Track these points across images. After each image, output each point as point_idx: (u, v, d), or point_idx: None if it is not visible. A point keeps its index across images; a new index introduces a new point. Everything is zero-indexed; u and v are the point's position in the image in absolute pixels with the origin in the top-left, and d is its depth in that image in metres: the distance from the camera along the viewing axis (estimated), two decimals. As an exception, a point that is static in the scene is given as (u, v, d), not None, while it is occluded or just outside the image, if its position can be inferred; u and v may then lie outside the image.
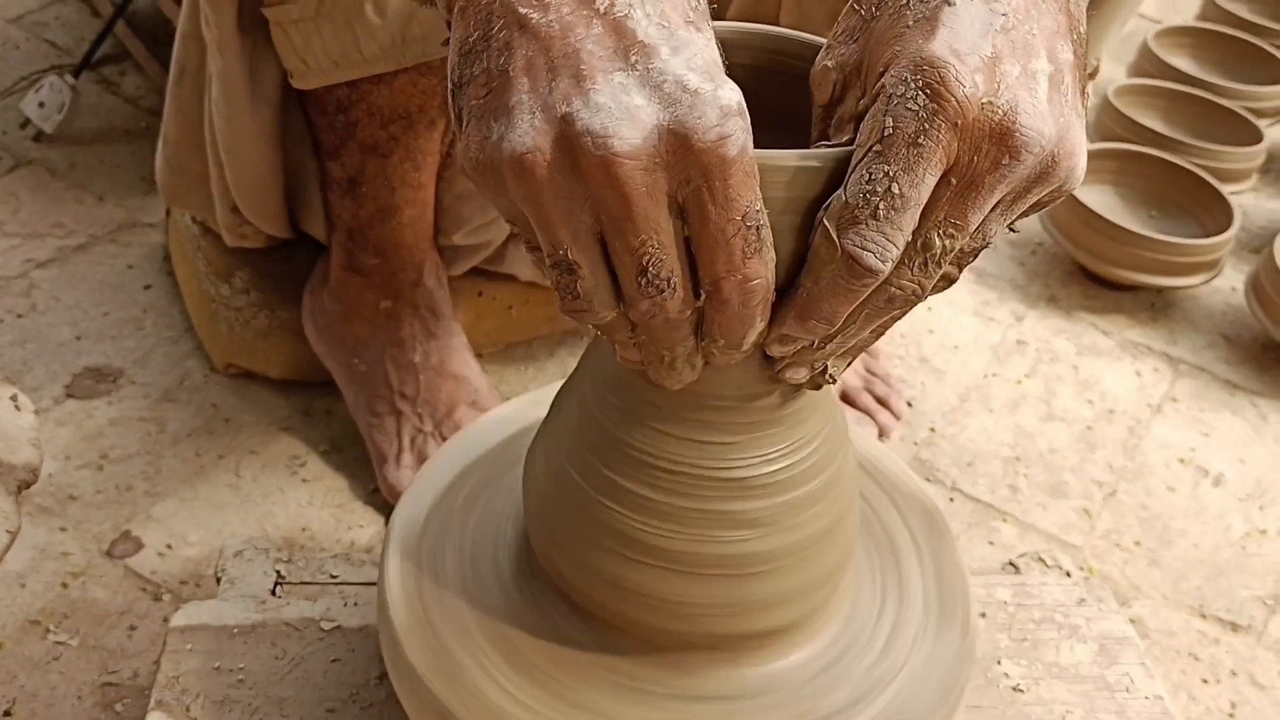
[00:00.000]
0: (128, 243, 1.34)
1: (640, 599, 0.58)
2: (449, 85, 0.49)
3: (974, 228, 0.48)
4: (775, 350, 0.52)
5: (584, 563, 0.60)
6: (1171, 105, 1.64)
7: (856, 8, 0.51)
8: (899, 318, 0.52)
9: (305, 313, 1.12)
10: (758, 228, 0.46)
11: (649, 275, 0.46)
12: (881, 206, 0.45)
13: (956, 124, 0.45)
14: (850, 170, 0.46)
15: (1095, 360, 1.34)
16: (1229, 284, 1.46)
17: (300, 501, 1.07)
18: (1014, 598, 0.84)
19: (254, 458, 1.11)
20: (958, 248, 0.48)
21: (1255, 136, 1.58)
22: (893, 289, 0.49)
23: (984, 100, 0.45)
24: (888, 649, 0.64)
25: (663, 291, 0.47)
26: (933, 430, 1.21)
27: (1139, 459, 1.21)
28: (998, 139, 0.45)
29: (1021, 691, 0.78)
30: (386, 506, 1.07)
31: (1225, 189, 1.46)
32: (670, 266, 0.46)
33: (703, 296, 0.48)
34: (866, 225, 0.46)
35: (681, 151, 0.44)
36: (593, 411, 0.59)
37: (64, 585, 0.98)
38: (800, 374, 0.53)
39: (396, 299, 1.05)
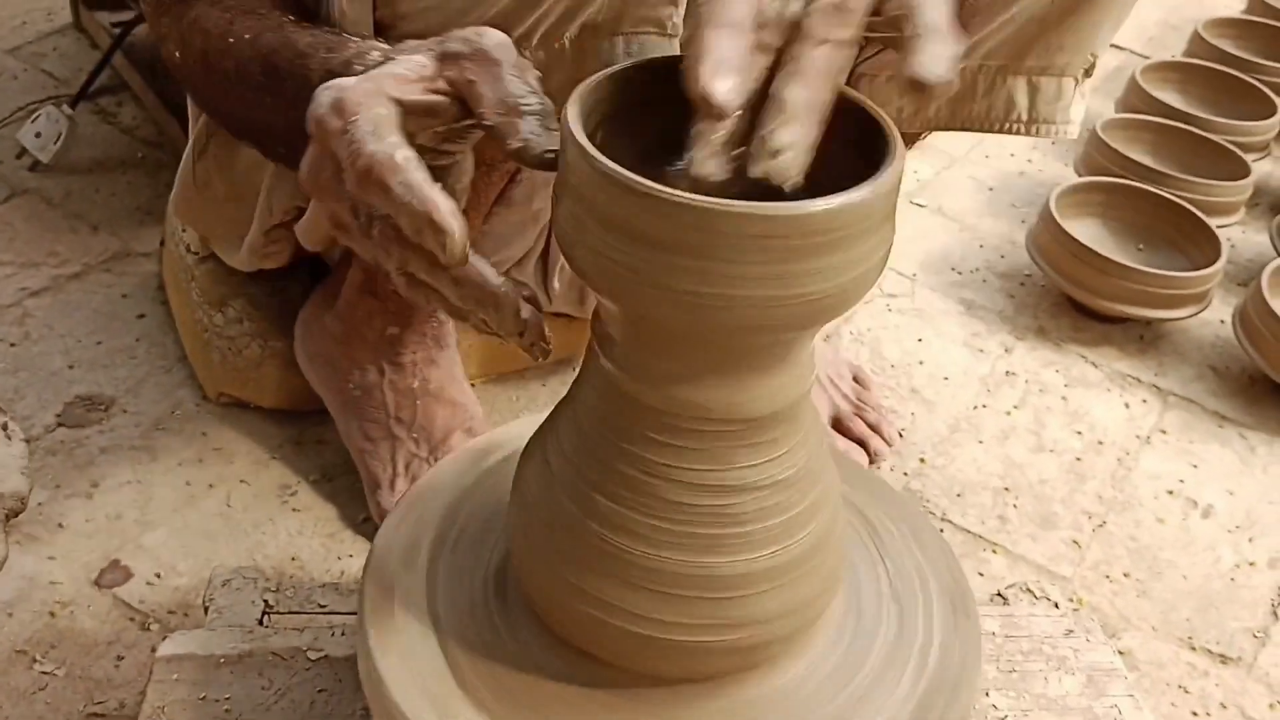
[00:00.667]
0: (122, 272, 1.35)
1: (625, 621, 0.58)
2: None
3: None
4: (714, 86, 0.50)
5: (568, 585, 0.60)
6: (1159, 139, 1.66)
7: None
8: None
9: (299, 336, 1.12)
10: None
11: None
12: None
13: None
14: None
15: (1084, 392, 1.34)
16: (1217, 316, 1.47)
17: (290, 531, 1.07)
18: (1002, 629, 0.84)
19: (245, 487, 1.11)
20: None
21: (1243, 170, 1.60)
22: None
23: None
24: (883, 672, 0.64)
25: None
26: (923, 461, 1.22)
27: (1128, 490, 1.22)
28: None
29: (1010, 723, 0.78)
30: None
31: (1213, 222, 1.47)
32: None
33: None
34: None
35: None
36: (583, 434, 0.59)
37: (52, 614, 0.98)
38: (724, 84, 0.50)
39: (405, 327, 1.05)
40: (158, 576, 1.02)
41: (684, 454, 0.57)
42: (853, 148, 0.54)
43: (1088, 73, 1.00)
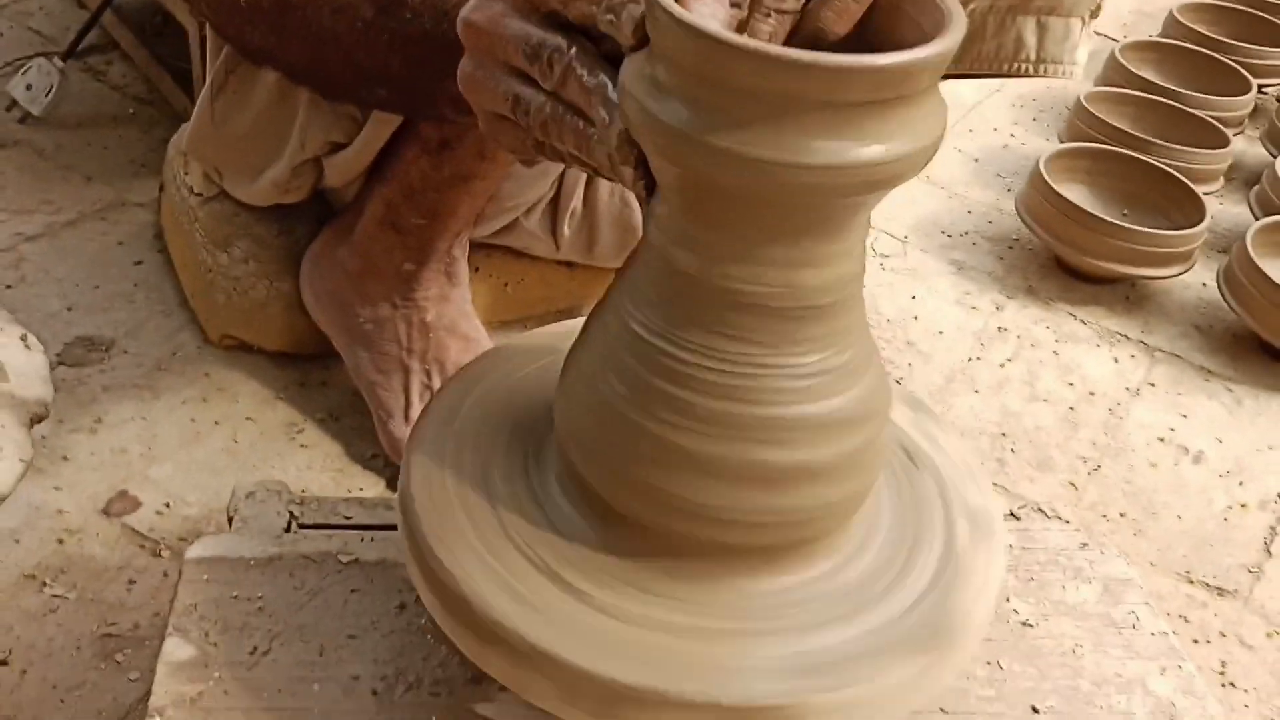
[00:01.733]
0: (117, 220, 1.34)
1: (660, 500, 0.59)
2: None
3: None
4: None
5: (610, 463, 0.60)
6: (1140, 112, 1.70)
7: None
8: None
9: (306, 273, 1.12)
10: None
11: None
12: None
13: None
14: None
15: (1074, 347, 1.37)
16: (1199, 280, 1.50)
17: (299, 466, 1.07)
18: (1019, 541, 0.85)
19: (251, 425, 1.10)
20: None
21: (1222, 141, 1.64)
22: None
23: None
24: (895, 584, 0.65)
25: None
26: (922, 408, 1.23)
27: (1121, 438, 1.24)
28: None
29: (1031, 626, 0.79)
30: (387, 471, 1.07)
31: (1196, 188, 1.51)
32: None
33: None
34: None
35: None
36: (632, 317, 0.60)
37: (60, 541, 0.97)
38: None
39: (422, 264, 1.05)
40: (167, 506, 1.01)
41: (737, 339, 0.58)
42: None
43: (1094, 14, 1.03)
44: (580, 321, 0.66)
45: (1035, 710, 0.74)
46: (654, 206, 0.59)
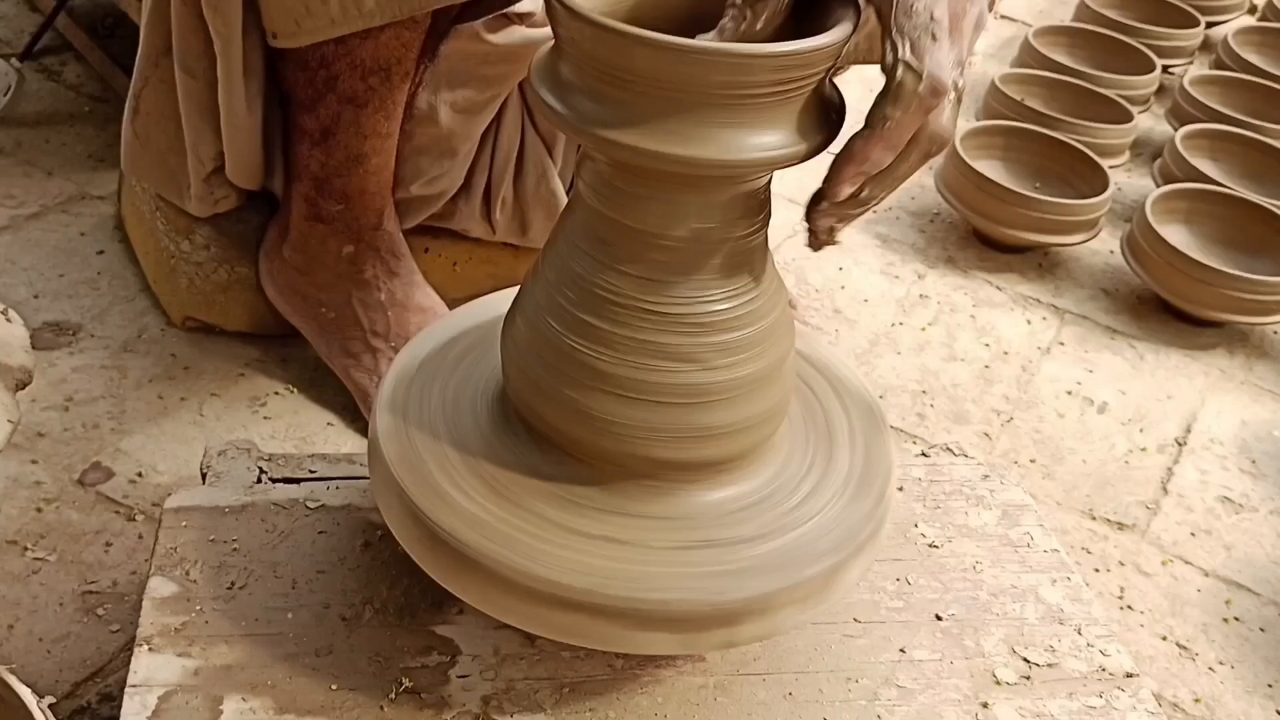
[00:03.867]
0: (79, 213, 1.39)
1: (593, 422, 0.67)
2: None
3: (969, 53, 0.61)
4: (844, 192, 0.64)
5: (550, 392, 0.68)
6: (1051, 92, 1.80)
7: None
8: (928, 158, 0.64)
9: (264, 275, 1.19)
10: None
11: None
12: (935, 30, 0.58)
13: None
14: (894, 16, 0.59)
15: (990, 311, 1.46)
16: (1106, 247, 1.60)
17: (263, 435, 1.13)
18: (927, 474, 0.94)
19: (216, 400, 1.17)
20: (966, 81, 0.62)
21: (1126, 117, 1.74)
22: (940, 134, 0.62)
23: None
24: (804, 503, 0.73)
25: None
26: (848, 369, 1.32)
27: (1031, 391, 1.34)
28: None
29: (936, 548, 0.88)
30: (347, 439, 1.14)
31: (1101, 162, 1.61)
32: None
33: None
34: (931, 48, 0.59)
35: None
36: (565, 262, 0.68)
37: (38, 510, 1.03)
38: (826, 222, 0.65)
39: (358, 243, 1.12)
40: (139, 475, 1.07)
41: (658, 275, 0.66)
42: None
43: (990, 4, 1.12)
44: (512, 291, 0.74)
45: (939, 618, 0.82)
46: (582, 165, 0.67)
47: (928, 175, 1.70)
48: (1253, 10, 2.35)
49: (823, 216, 0.65)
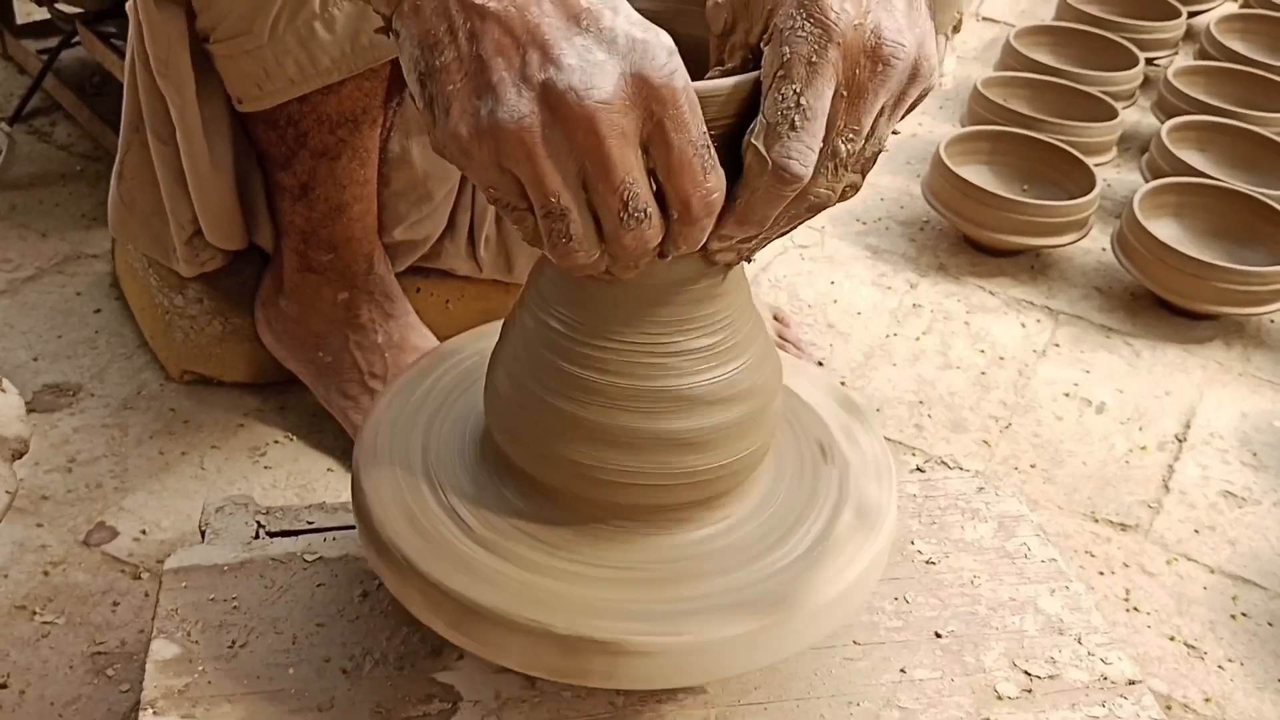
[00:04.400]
0: (74, 273, 1.41)
1: (575, 468, 0.68)
2: (414, 76, 0.57)
3: (868, 130, 0.59)
4: (715, 246, 0.62)
5: (534, 444, 0.69)
6: (1034, 94, 1.80)
7: None
8: (811, 217, 0.62)
9: (261, 324, 1.20)
10: (708, 147, 0.57)
11: (630, 210, 0.56)
12: (796, 119, 0.56)
13: (839, 43, 0.56)
14: (764, 96, 0.57)
15: (984, 316, 1.47)
16: (1098, 245, 1.61)
17: (265, 485, 1.14)
18: (922, 490, 0.94)
19: (216, 452, 1.18)
20: (858, 151, 0.59)
21: (1111, 114, 1.74)
22: (811, 196, 0.59)
23: (855, 23, 0.56)
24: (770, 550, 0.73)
25: (641, 222, 0.57)
26: (843, 384, 1.33)
27: (1029, 395, 1.34)
28: (872, 51, 0.57)
29: (934, 564, 0.88)
30: (347, 484, 1.15)
31: (1089, 161, 1.61)
32: (646, 198, 0.56)
33: (673, 216, 0.58)
34: (788, 138, 0.56)
35: (644, 90, 0.54)
36: (544, 320, 0.69)
37: (45, 573, 1.04)
38: (729, 257, 0.64)
39: (352, 288, 1.14)
40: (143, 533, 1.08)
41: (634, 325, 0.67)
42: None
43: (955, 28, 1.13)
44: (499, 324, 0.75)
45: (938, 635, 0.83)
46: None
47: (915, 182, 1.71)
48: (1235, -4, 2.35)
49: (720, 254, 0.64)
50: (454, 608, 0.67)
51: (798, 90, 0.56)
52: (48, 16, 1.63)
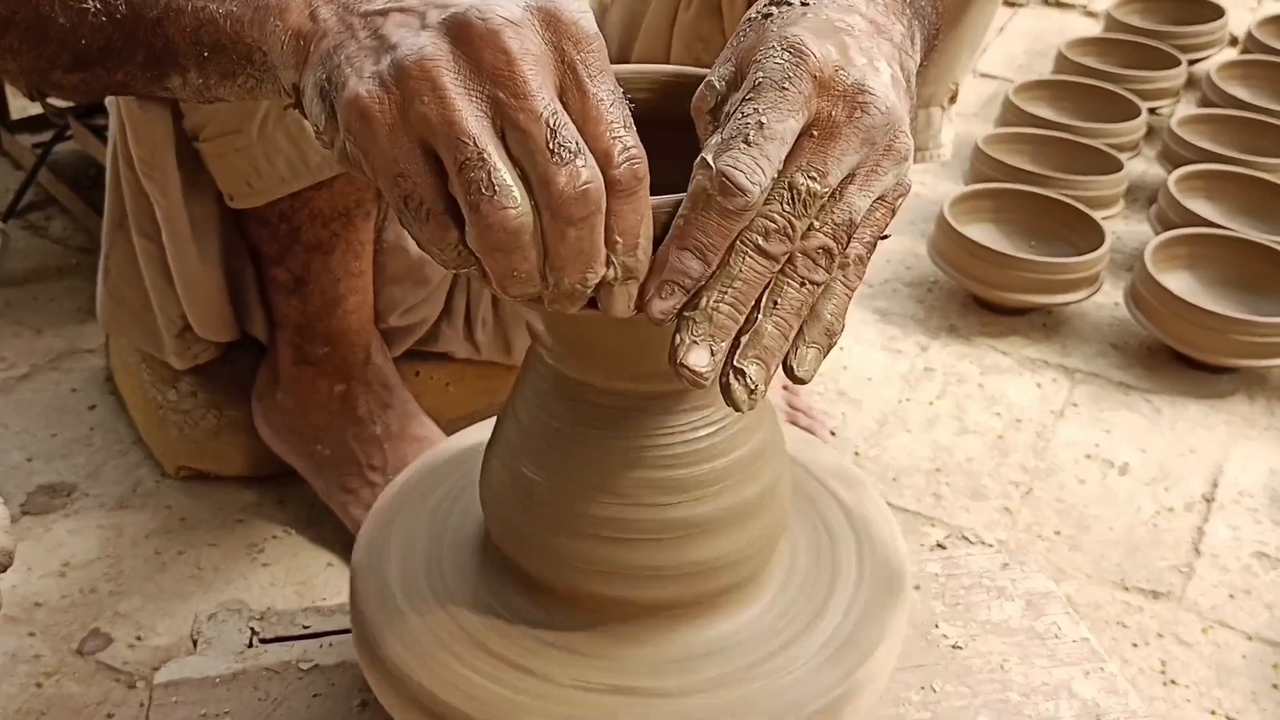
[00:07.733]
0: (69, 369, 1.38)
1: (589, 570, 0.64)
2: (315, 96, 0.52)
3: (834, 178, 0.53)
4: (656, 306, 0.51)
5: (540, 547, 0.65)
6: (1036, 149, 1.78)
7: (732, 40, 0.59)
8: (797, 309, 0.53)
9: (258, 416, 1.17)
10: (628, 109, 0.51)
11: (559, 139, 0.48)
12: (751, 134, 0.51)
13: (816, 76, 0.52)
14: (724, 117, 0.53)
15: (998, 378, 1.43)
16: (1110, 300, 1.57)
17: (263, 584, 1.11)
18: (944, 569, 0.90)
19: (213, 550, 1.14)
20: (823, 202, 0.53)
21: (1116, 166, 1.72)
22: (765, 222, 0.51)
23: (837, 66, 0.53)
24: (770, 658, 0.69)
25: (576, 156, 0.49)
26: (857, 454, 1.29)
27: (1049, 459, 1.30)
28: (850, 96, 0.53)
29: (960, 648, 0.84)
30: (347, 580, 1.11)
31: (1095, 215, 1.58)
32: (574, 133, 0.49)
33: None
34: (739, 149, 0.51)
35: (553, 24, 0.50)
36: (537, 415, 0.66)
37: (38, 685, 1.00)
38: (700, 357, 0.51)
39: (349, 380, 1.11)
40: (138, 639, 1.04)
41: (633, 413, 0.63)
42: None
43: (951, 99, 1.11)
44: (491, 422, 0.71)
45: (969, 727, 0.78)
46: (532, 326, 0.65)
47: (921, 243, 1.68)
48: (1234, 43, 2.34)
49: (686, 350, 0.51)
50: None
51: (760, 109, 0.51)
52: (41, 111, 1.63)
